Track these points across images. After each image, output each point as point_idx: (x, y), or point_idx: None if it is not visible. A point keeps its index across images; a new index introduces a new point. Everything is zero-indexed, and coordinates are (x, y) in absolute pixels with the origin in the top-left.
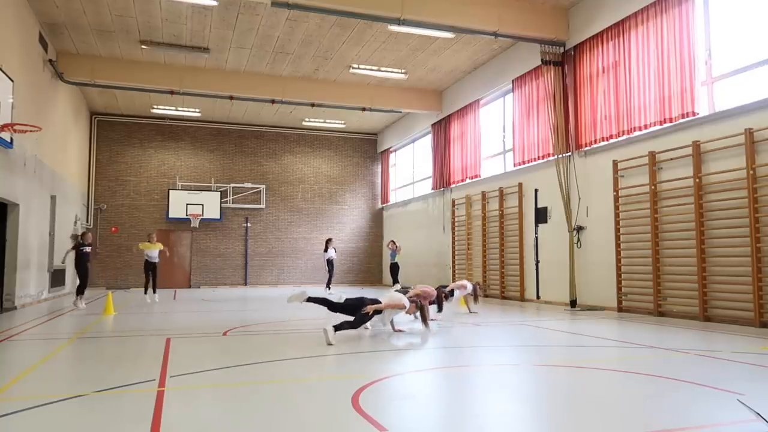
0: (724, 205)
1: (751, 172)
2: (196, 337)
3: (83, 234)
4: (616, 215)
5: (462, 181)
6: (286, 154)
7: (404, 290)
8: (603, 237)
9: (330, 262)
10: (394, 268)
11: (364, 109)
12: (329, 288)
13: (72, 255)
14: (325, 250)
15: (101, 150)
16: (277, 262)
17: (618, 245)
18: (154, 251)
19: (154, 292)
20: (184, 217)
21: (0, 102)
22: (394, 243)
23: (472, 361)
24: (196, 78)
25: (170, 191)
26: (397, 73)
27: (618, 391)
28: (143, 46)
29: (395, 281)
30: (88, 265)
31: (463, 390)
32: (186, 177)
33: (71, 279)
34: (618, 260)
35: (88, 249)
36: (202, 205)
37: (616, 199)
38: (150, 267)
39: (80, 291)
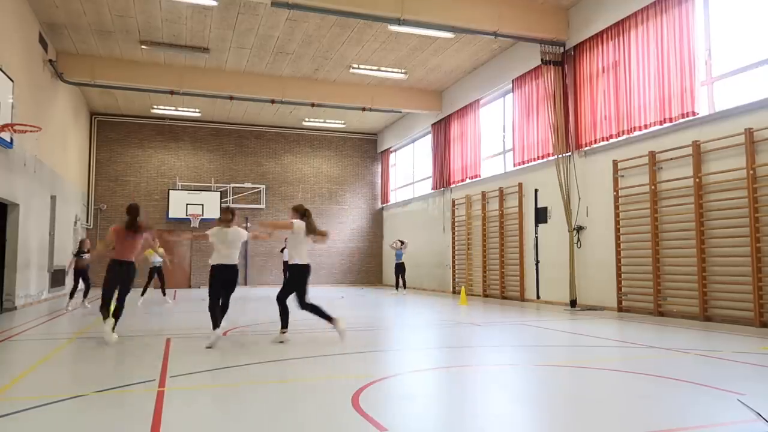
0: (724, 205)
1: (751, 172)
2: (196, 337)
3: (81, 241)
4: (616, 215)
5: (462, 181)
6: (286, 154)
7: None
8: (603, 237)
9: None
10: (400, 269)
11: (364, 109)
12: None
13: (73, 263)
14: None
15: (101, 150)
16: (277, 262)
17: (618, 245)
18: (155, 257)
19: (164, 294)
20: (184, 217)
21: (0, 102)
22: (400, 242)
23: (472, 361)
24: (196, 78)
25: (170, 191)
26: (397, 73)
27: (618, 391)
28: (143, 46)
29: (402, 283)
30: (88, 272)
31: (463, 390)
32: (186, 177)
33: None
34: (618, 260)
35: (86, 257)
36: (202, 205)
37: (616, 198)
38: (155, 271)
39: (84, 294)
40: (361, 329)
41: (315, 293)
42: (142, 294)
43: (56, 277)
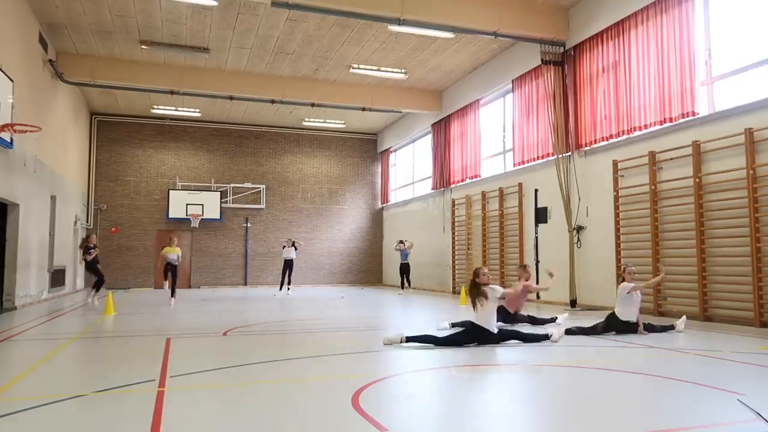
0: (724, 205)
1: (751, 172)
2: (196, 337)
3: (87, 237)
4: (616, 215)
5: (462, 181)
6: (286, 154)
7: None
8: (603, 237)
9: (288, 263)
10: (405, 269)
11: (364, 109)
12: (288, 289)
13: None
14: (286, 247)
15: (101, 150)
16: (277, 262)
17: (618, 245)
18: (173, 254)
19: (173, 294)
20: (184, 217)
21: (0, 102)
22: (402, 243)
23: (472, 361)
24: (196, 78)
25: (170, 191)
26: (397, 73)
27: (618, 391)
28: (143, 46)
29: (407, 283)
30: (98, 266)
31: (463, 390)
32: (186, 177)
33: (72, 280)
34: (618, 260)
35: (94, 251)
36: (202, 205)
37: (616, 199)
38: (169, 268)
39: (96, 287)
40: (361, 329)
41: (315, 293)
42: (172, 295)
43: (56, 277)
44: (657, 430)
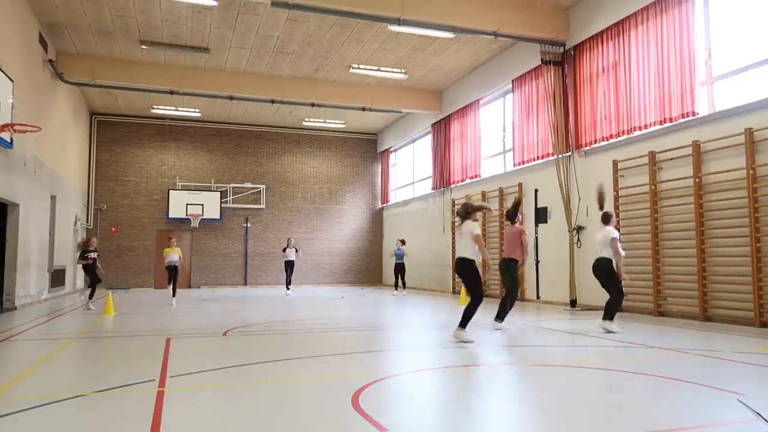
0: (724, 205)
1: (751, 172)
2: (196, 337)
3: (88, 240)
4: (616, 215)
5: (462, 181)
6: (286, 154)
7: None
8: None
9: (289, 263)
10: (401, 269)
11: (364, 109)
12: (288, 289)
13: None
14: (284, 250)
15: (101, 150)
16: (277, 262)
17: None
18: (173, 255)
19: (173, 294)
20: (184, 217)
21: (0, 102)
22: (402, 242)
23: (472, 361)
24: (196, 78)
25: (170, 191)
26: (397, 73)
27: (618, 391)
28: (143, 46)
29: (403, 284)
30: (97, 270)
31: (463, 390)
32: (186, 177)
33: (72, 280)
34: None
35: (93, 255)
36: (202, 205)
37: (616, 199)
38: (170, 269)
39: (91, 294)
40: (361, 329)
41: (315, 293)
42: (173, 295)
43: (56, 277)
44: (657, 430)
